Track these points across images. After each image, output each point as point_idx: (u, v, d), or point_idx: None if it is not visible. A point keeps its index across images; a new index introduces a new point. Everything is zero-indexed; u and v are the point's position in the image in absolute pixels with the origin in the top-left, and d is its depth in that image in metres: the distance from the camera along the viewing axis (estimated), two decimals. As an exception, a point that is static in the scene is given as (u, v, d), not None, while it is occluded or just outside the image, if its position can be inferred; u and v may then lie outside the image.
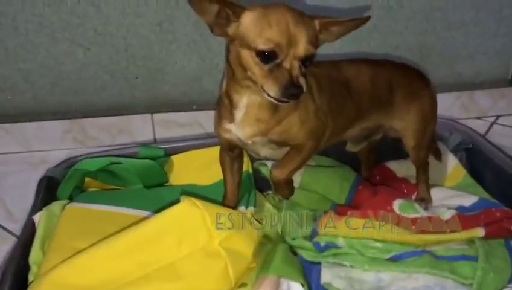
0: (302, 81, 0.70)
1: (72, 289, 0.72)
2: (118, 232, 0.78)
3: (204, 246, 0.77)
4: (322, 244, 0.88)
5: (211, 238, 0.78)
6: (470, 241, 0.87)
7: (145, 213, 0.89)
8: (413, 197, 1.04)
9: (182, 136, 1.31)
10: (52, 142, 1.33)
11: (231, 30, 0.74)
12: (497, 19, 1.47)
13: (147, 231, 0.77)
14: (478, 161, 1.09)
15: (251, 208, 0.95)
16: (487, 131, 1.49)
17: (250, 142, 0.85)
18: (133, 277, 0.73)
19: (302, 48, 0.70)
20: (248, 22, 0.72)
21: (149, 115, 1.37)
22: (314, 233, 0.91)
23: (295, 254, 0.92)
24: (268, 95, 0.72)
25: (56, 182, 1.00)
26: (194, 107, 1.38)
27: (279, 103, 0.73)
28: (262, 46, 0.70)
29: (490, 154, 1.04)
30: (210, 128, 1.36)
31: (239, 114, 0.82)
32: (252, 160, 1.06)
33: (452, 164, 1.10)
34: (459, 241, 0.87)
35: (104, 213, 0.89)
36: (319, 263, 0.88)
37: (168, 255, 0.75)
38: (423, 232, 0.90)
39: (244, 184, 0.99)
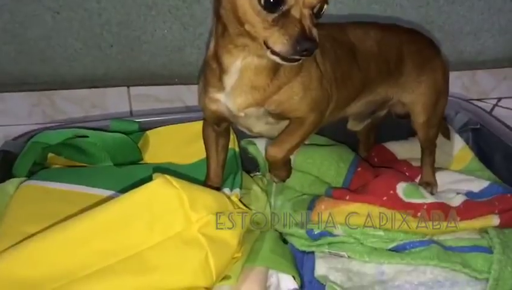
0: (315, 33, 0.59)
1: (18, 284, 0.60)
2: (77, 214, 0.66)
3: (180, 232, 0.65)
4: (316, 232, 0.79)
5: (189, 224, 0.66)
6: (483, 231, 0.78)
7: (111, 193, 0.77)
8: (417, 181, 0.94)
9: (161, 108, 1.19)
10: (18, 117, 1.23)
11: None
12: (504, -8, 1.38)
13: (111, 214, 0.64)
14: (486, 143, 1.00)
15: (237, 190, 0.84)
16: (492, 115, 1.42)
17: (242, 114, 0.73)
18: (93, 268, 0.61)
19: None
20: None
21: (125, 88, 1.27)
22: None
23: (286, 242, 0.83)
24: (273, 53, 0.60)
25: (14, 158, 0.88)
26: (176, 80, 1.28)
27: (286, 63, 0.61)
28: None
29: (500, 135, 0.95)
30: (192, 103, 1.27)
31: (230, 80, 0.70)
32: (239, 137, 0.95)
33: (459, 146, 1.01)
34: (470, 231, 0.78)
35: (64, 193, 0.77)
36: (313, 253, 0.79)
37: (136, 243, 0.63)
38: (430, 219, 0.81)
39: (230, 164, 0.88)
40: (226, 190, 0.84)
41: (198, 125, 0.93)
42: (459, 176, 0.94)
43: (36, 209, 0.73)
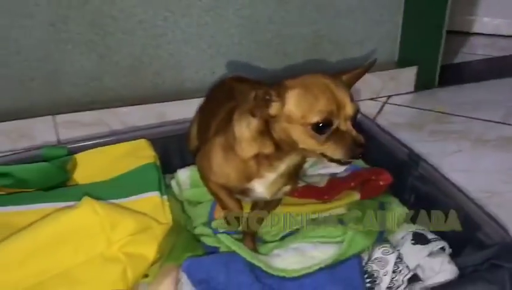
0: (362, 139, 0.72)
1: None
2: (11, 235, 0.77)
3: (102, 252, 0.77)
4: (221, 230, 0.94)
5: (110, 244, 0.78)
6: (349, 208, 0.97)
7: (46, 205, 0.86)
8: None
9: (87, 135, 1.29)
10: None
11: (273, 110, 0.73)
12: (381, 6, 1.59)
13: (42, 238, 0.76)
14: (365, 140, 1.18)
15: (165, 197, 0.93)
16: (380, 110, 1.63)
17: (269, 198, 0.86)
18: (27, 284, 0.72)
19: (349, 107, 0.71)
20: (294, 100, 0.72)
21: (50, 117, 1.35)
22: (211, 218, 0.97)
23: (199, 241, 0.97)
24: (332, 160, 0.73)
25: None
26: (98, 105, 1.38)
27: (343, 166, 0.76)
28: (316, 119, 0.70)
29: (372, 132, 1.14)
30: (115, 126, 1.38)
31: (272, 176, 0.82)
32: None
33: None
34: (340, 209, 0.97)
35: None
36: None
37: (64, 263, 0.75)
38: (305, 197, 0.99)
39: (154, 174, 0.98)
40: (159, 195, 0.91)
41: (121, 146, 1.06)
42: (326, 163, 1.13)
43: None
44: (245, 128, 0.79)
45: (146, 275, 0.81)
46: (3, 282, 0.72)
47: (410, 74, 1.70)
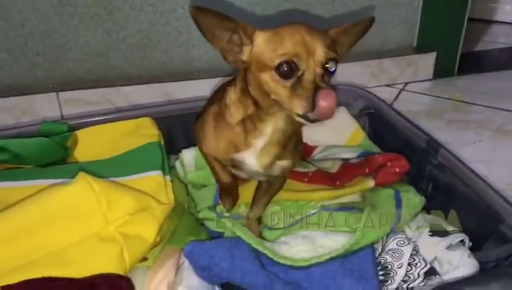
0: (327, 86, 0.64)
1: None
2: (3, 210, 0.72)
3: (98, 231, 0.72)
4: (226, 214, 0.89)
5: (107, 223, 0.72)
6: (362, 195, 0.91)
7: (42, 182, 0.81)
8: (308, 159, 1.08)
9: (90, 111, 1.25)
10: None
11: (245, 55, 0.70)
12: (401, -12, 1.52)
13: (34, 215, 0.70)
14: (380, 125, 1.13)
15: (168, 177, 0.89)
16: (396, 97, 1.57)
17: (262, 170, 0.80)
18: (17, 263, 0.67)
19: (320, 52, 0.65)
20: (261, 41, 0.68)
21: (54, 94, 1.31)
22: (216, 202, 0.92)
23: (202, 225, 0.92)
24: (299, 116, 0.66)
25: None
26: (103, 83, 1.34)
27: (311, 123, 0.66)
28: (279, 60, 0.65)
29: (390, 118, 1.08)
30: (120, 105, 1.34)
31: (260, 143, 0.77)
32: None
33: (352, 127, 1.14)
34: (353, 196, 0.91)
35: None
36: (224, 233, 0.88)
37: (57, 241, 0.70)
38: (315, 183, 0.93)
39: (157, 152, 0.93)
40: (161, 175, 0.87)
41: (125, 124, 1.01)
42: (337, 149, 1.08)
43: None
44: (233, 92, 0.78)
45: (145, 258, 0.76)
46: None
47: (428, 60, 1.63)
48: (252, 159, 0.79)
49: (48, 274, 0.66)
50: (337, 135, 1.13)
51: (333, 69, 0.67)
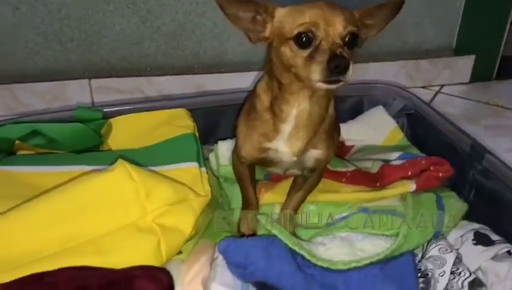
0: (345, 54, 0.64)
1: None
2: (40, 195, 0.70)
3: (135, 221, 0.69)
4: (257, 216, 0.86)
5: (144, 214, 0.70)
6: (403, 199, 0.87)
7: (78, 167, 0.80)
8: (346, 157, 1.05)
9: (121, 99, 1.24)
10: None
11: (267, 32, 0.71)
12: (443, -14, 1.48)
13: (71, 201, 0.68)
14: (420, 127, 1.09)
15: (204, 169, 0.87)
16: (431, 100, 1.52)
17: (295, 158, 0.78)
18: (51, 251, 0.65)
19: (339, 25, 0.65)
20: (281, 15, 0.69)
21: (86, 81, 1.30)
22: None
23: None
24: (316, 83, 0.65)
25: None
26: (136, 72, 1.32)
27: (329, 86, 0.65)
28: (297, 30, 0.65)
29: (431, 120, 1.04)
30: (151, 94, 1.32)
31: (288, 128, 0.76)
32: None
33: (390, 127, 1.10)
34: (392, 198, 0.87)
35: (26, 175, 0.80)
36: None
37: (93, 230, 0.68)
38: (354, 183, 0.90)
39: (193, 144, 0.91)
40: (197, 166, 0.85)
41: (159, 114, 0.99)
42: (377, 149, 1.04)
43: (1, 192, 0.75)
44: (262, 80, 0.79)
45: (180, 252, 0.74)
46: (26, 244, 0.66)
47: (467, 63, 1.58)
48: (283, 145, 0.78)
49: (83, 263, 0.64)
50: (374, 134, 1.09)
51: (352, 44, 0.67)
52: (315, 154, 0.79)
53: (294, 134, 0.77)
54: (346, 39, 0.66)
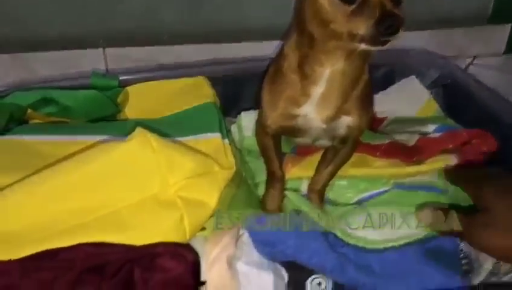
0: (397, 11, 0.57)
1: None
2: (54, 164, 0.64)
3: (156, 194, 0.64)
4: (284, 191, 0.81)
5: (166, 186, 0.65)
6: (441, 174, 0.80)
7: (93, 137, 0.75)
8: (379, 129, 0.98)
9: (139, 66, 1.17)
10: None
11: None
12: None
13: (87, 172, 0.63)
14: (457, 98, 1.01)
15: (226, 140, 0.82)
16: (464, 72, 1.43)
17: (325, 126, 0.71)
18: (65, 225, 0.60)
19: None
20: None
21: (101, 50, 1.24)
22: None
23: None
24: (360, 40, 0.58)
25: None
26: (152, 41, 1.26)
27: (376, 47, 0.58)
28: None
29: (470, 90, 0.96)
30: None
31: (319, 91, 0.68)
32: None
33: (424, 98, 1.03)
34: (431, 173, 0.81)
35: (39, 144, 0.74)
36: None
37: (111, 202, 0.62)
38: (389, 157, 0.83)
39: (214, 114, 0.86)
40: (220, 137, 0.80)
41: (178, 82, 0.94)
42: (412, 119, 0.97)
43: (9, 162, 0.71)
44: (290, 38, 0.71)
45: (203, 228, 0.68)
46: (39, 217, 0.60)
47: (502, 32, 1.47)
48: (313, 111, 0.70)
49: (100, 239, 0.59)
50: (407, 105, 1.02)
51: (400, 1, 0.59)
52: (347, 121, 0.72)
53: (326, 98, 0.69)
54: None
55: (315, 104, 0.70)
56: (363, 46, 0.59)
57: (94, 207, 0.62)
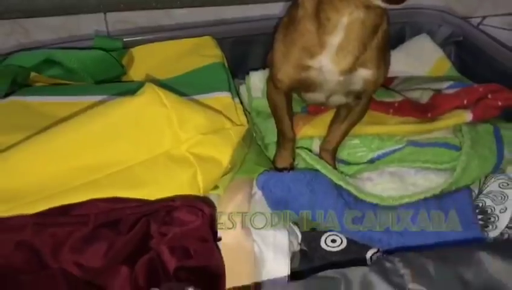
0: None
1: None
2: (62, 122, 0.63)
3: (168, 150, 0.63)
4: (297, 150, 0.79)
5: (178, 143, 0.63)
6: (457, 130, 0.79)
7: (96, 97, 0.73)
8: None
9: (142, 27, 1.14)
10: None
11: None
12: None
13: (96, 128, 0.62)
14: (469, 55, 0.99)
15: (237, 99, 0.80)
16: (477, 28, 1.40)
17: (342, 78, 0.68)
18: (77, 182, 0.59)
19: None
20: None
21: (102, 15, 1.21)
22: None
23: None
24: None
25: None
26: (154, 4, 1.23)
27: (390, 5, 0.56)
28: None
29: (483, 46, 0.94)
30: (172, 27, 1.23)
31: (336, 40, 0.64)
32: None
33: (436, 56, 1.00)
34: (445, 130, 0.79)
35: (44, 104, 0.73)
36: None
37: (122, 159, 0.61)
38: (403, 115, 0.81)
39: (222, 73, 0.84)
40: (230, 96, 0.79)
41: (184, 43, 0.91)
42: (425, 77, 0.95)
43: (16, 122, 0.69)
44: None
45: (216, 186, 0.67)
46: (49, 173, 0.59)
47: (512, -8, 1.44)
48: (329, 62, 0.66)
49: (111, 195, 0.58)
50: (419, 64, 1.00)
51: None
52: (364, 74, 0.68)
53: (343, 48, 0.65)
54: None
55: (331, 55, 0.66)
56: (378, 3, 0.56)
57: (106, 164, 0.61)
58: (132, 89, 0.72)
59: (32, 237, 0.53)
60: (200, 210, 0.57)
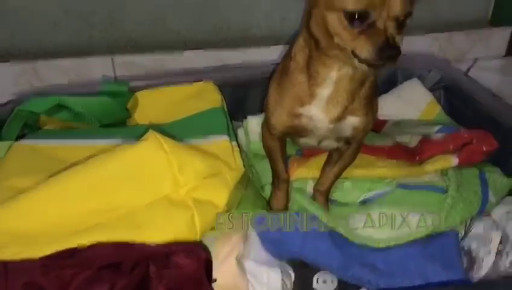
0: (398, 41, 0.61)
1: (11, 236, 0.61)
2: (70, 167, 0.68)
3: (168, 194, 0.67)
4: (291, 192, 0.84)
5: (177, 187, 0.67)
6: (444, 174, 0.83)
7: (105, 141, 0.78)
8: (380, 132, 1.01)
9: (147, 74, 1.20)
10: (3, 88, 1.20)
11: None
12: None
13: (103, 174, 0.66)
14: (458, 100, 1.04)
15: (235, 142, 0.85)
16: (465, 74, 1.45)
17: (332, 126, 0.73)
18: (84, 225, 0.63)
19: (397, 5, 0.60)
20: None
21: (109, 57, 1.27)
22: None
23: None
24: (360, 60, 0.61)
25: (2, 124, 0.89)
26: (159, 49, 1.29)
27: (370, 69, 0.63)
28: (352, 6, 0.60)
29: (470, 92, 0.99)
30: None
31: (325, 92, 0.70)
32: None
33: (427, 100, 1.05)
34: (432, 174, 0.83)
35: (54, 149, 0.78)
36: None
37: (126, 203, 0.65)
38: (392, 157, 0.86)
39: (221, 118, 0.89)
40: (228, 140, 0.83)
41: (186, 88, 0.97)
42: (414, 122, 1.00)
43: (26, 165, 0.74)
44: (299, 36, 0.73)
45: (213, 228, 0.71)
46: (58, 217, 0.64)
47: (503, 35, 1.49)
48: (319, 112, 0.72)
49: (116, 238, 0.62)
50: (410, 108, 1.04)
51: (405, 23, 0.62)
52: (353, 121, 0.74)
53: (332, 99, 0.71)
54: (401, 19, 0.61)
55: (321, 104, 0.72)
56: (360, 66, 0.62)
57: (110, 207, 0.65)
58: (136, 133, 0.77)
59: (40, 277, 0.57)
60: (197, 255, 0.61)
